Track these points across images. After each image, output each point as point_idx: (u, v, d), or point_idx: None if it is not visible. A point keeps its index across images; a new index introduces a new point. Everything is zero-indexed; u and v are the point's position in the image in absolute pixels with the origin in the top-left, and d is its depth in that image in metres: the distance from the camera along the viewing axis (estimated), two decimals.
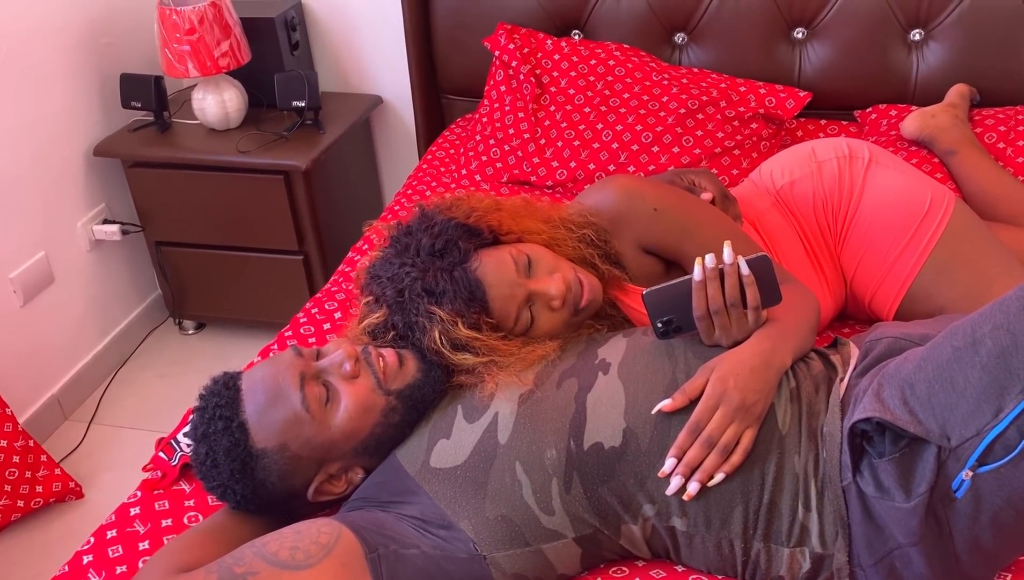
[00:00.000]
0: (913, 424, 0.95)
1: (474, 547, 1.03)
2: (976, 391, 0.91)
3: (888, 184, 1.45)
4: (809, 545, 1.04)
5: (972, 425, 0.92)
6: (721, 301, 1.09)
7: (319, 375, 1.10)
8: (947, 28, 1.96)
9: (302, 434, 1.06)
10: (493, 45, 2.14)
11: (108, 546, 1.18)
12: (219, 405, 1.07)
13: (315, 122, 2.31)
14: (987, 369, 0.91)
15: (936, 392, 0.94)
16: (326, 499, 1.13)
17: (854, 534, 1.02)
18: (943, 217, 1.41)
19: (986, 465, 0.92)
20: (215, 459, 1.06)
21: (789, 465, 1.05)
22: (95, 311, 2.44)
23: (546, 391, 1.11)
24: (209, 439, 1.07)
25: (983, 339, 0.92)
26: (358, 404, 1.08)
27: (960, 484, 0.94)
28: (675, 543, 1.08)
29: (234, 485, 1.07)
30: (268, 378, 1.08)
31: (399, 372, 1.12)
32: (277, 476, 1.07)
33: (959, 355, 0.93)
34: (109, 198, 2.44)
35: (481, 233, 1.20)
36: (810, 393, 1.10)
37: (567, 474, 1.05)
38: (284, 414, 1.06)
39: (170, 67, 2.19)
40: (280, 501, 1.10)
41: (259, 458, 1.06)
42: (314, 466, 1.09)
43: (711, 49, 2.12)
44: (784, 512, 1.04)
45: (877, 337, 1.16)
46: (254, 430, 1.06)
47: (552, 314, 1.20)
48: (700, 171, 1.48)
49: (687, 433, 1.04)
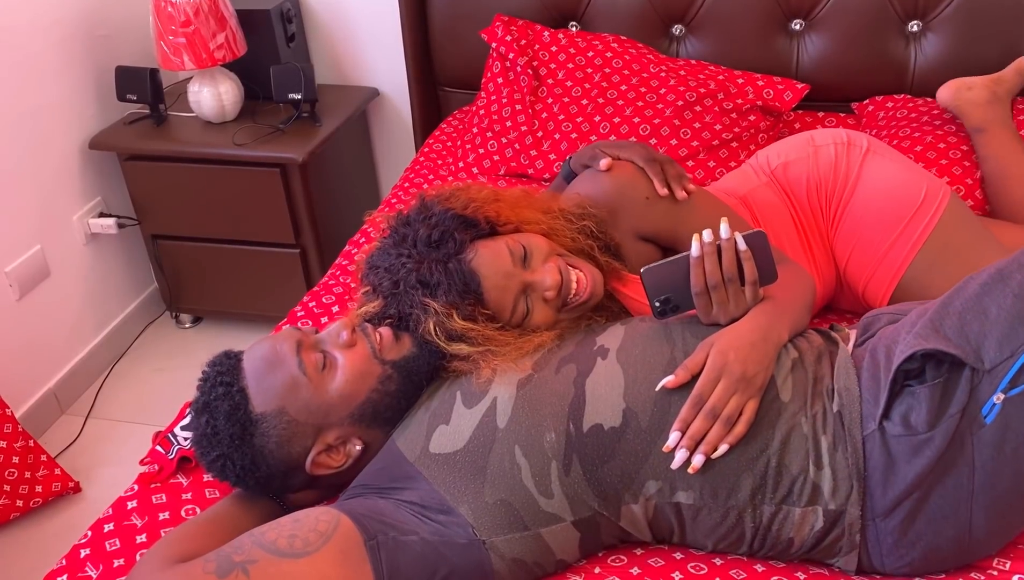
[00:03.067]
0: (950, 345, 0.99)
1: (473, 532, 1.03)
2: (1009, 315, 0.96)
3: (884, 174, 1.45)
4: (822, 503, 1.05)
5: (1008, 346, 0.96)
6: (719, 276, 1.10)
7: (316, 344, 1.14)
8: (945, 19, 1.96)
9: (300, 398, 1.10)
10: (490, 37, 2.14)
11: (105, 539, 1.18)
12: (220, 373, 1.11)
13: (311, 115, 2.30)
14: (1020, 296, 0.96)
15: (968, 321, 0.99)
16: (324, 472, 1.13)
17: (872, 485, 1.03)
18: (937, 209, 1.41)
19: (1017, 387, 0.96)
20: (215, 426, 1.09)
21: (797, 429, 1.06)
22: (92, 305, 2.43)
23: (545, 376, 1.11)
24: (210, 407, 1.09)
25: (1012, 273, 0.98)
26: (355, 368, 1.12)
27: (991, 409, 0.97)
28: (680, 520, 1.08)
29: (233, 453, 1.09)
30: (267, 348, 1.13)
31: (395, 345, 1.15)
32: (275, 442, 1.09)
33: (987, 289, 0.99)
34: (105, 191, 2.43)
35: (478, 224, 1.21)
36: (813, 363, 1.12)
37: (566, 457, 1.06)
38: (282, 378, 1.10)
39: (166, 60, 2.18)
40: (279, 474, 1.12)
41: (258, 423, 1.09)
42: (312, 432, 1.11)
43: (708, 41, 2.12)
44: (795, 473, 1.05)
45: (875, 314, 1.19)
46: (253, 395, 1.09)
47: (546, 305, 1.20)
48: (628, 144, 1.38)
49: (690, 406, 1.05)
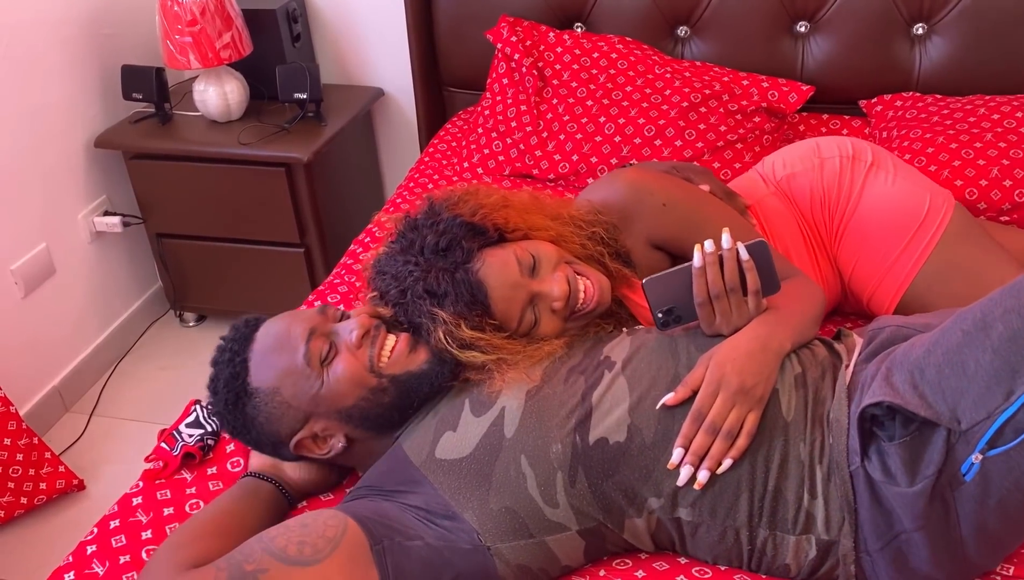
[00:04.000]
0: (924, 407, 0.95)
1: (478, 538, 1.03)
2: (987, 374, 0.92)
3: (887, 190, 1.44)
4: (815, 532, 1.04)
5: (983, 408, 0.92)
6: (721, 285, 1.10)
7: (329, 334, 1.15)
8: (950, 22, 1.96)
9: (296, 384, 1.11)
10: (495, 38, 2.14)
11: (111, 536, 1.18)
12: (234, 338, 1.16)
13: (316, 114, 2.31)
14: (998, 352, 0.91)
15: (946, 376, 0.95)
16: (307, 455, 1.17)
17: (861, 519, 1.02)
18: (941, 223, 1.40)
19: (996, 448, 0.92)
20: (216, 387, 1.15)
21: (794, 452, 1.05)
22: (96, 303, 2.44)
23: (553, 387, 1.11)
24: (218, 366, 1.15)
25: (994, 323, 0.92)
26: (348, 374, 1.12)
27: (969, 467, 0.94)
28: (680, 534, 1.09)
29: (227, 414, 1.15)
30: (282, 326, 1.15)
31: (406, 358, 1.14)
32: (264, 417, 1.13)
33: (969, 339, 0.94)
34: (110, 190, 2.43)
35: (486, 231, 1.19)
36: (816, 379, 1.11)
37: (572, 468, 1.06)
38: (285, 361, 1.12)
39: (171, 59, 2.18)
40: (267, 444, 1.16)
41: (251, 395, 1.12)
42: (300, 417, 1.13)
43: (713, 42, 2.12)
44: (789, 500, 1.04)
45: (882, 325, 1.16)
46: (253, 368, 1.13)
47: (553, 315, 1.20)
48: (700, 169, 1.48)
49: (691, 422, 1.05)
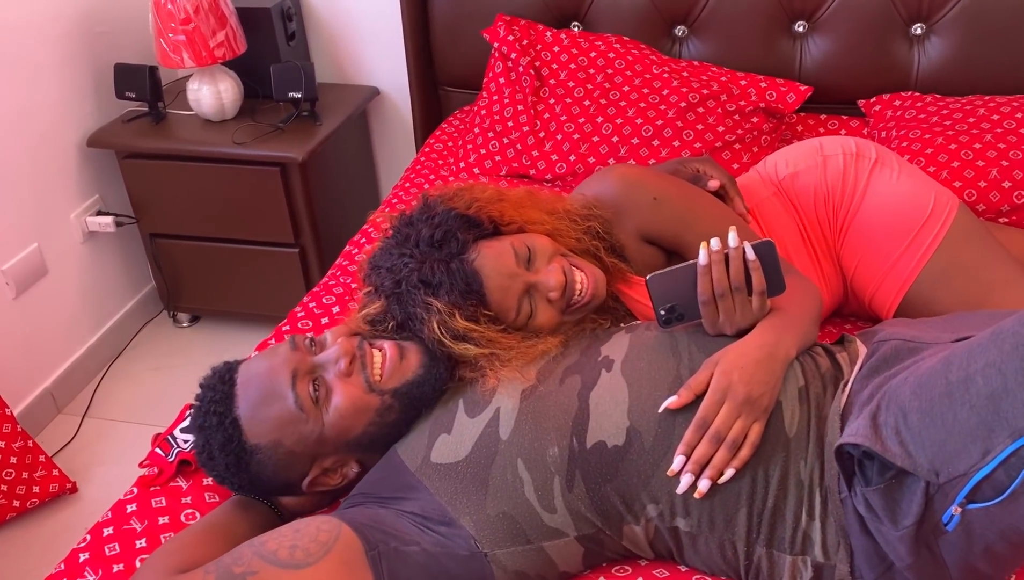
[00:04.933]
0: (903, 458, 0.92)
1: (475, 544, 1.02)
2: (964, 431, 0.88)
3: (891, 187, 1.43)
4: (811, 554, 1.02)
5: (960, 464, 0.88)
6: (726, 284, 1.08)
7: (313, 370, 1.10)
8: (949, 22, 1.95)
9: (295, 431, 1.07)
10: (492, 36, 2.12)
11: (104, 544, 1.16)
12: (213, 400, 1.09)
13: (311, 113, 2.29)
14: (976, 409, 0.87)
15: (927, 425, 0.91)
16: (321, 490, 1.14)
17: (854, 547, 1.00)
18: (945, 222, 1.39)
19: (975, 503, 0.89)
20: (211, 452, 1.09)
21: (794, 470, 1.03)
22: (89, 303, 2.42)
23: (549, 387, 1.09)
24: (205, 432, 1.09)
25: (975, 376, 0.88)
26: (350, 404, 1.08)
27: (950, 519, 0.91)
28: (678, 544, 1.07)
29: (230, 477, 1.10)
30: (262, 374, 1.09)
31: (399, 367, 1.11)
32: (272, 470, 1.09)
33: (951, 390, 0.90)
34: (103, 189, 2.41)
35: (481, 224, 1.19)
36: (819, 394, 1.08)
37: (569, 472, 1.04)
38: (277, 411, 1.07)
39: (165, 57, 2.16)
40: (278, 490, 1.13)
41: (253, 453, 1.08)
42: (308, 460, 1.10)
43: (711, 42, 2.11)
44: (788, 519, 1.02)
45: (885, 337, 1.12)
46: (247, 427, 1.07)
47: (550, 306, 1.19)
48: (703, 159, 1.47)
49: (694, 429, 1.03)
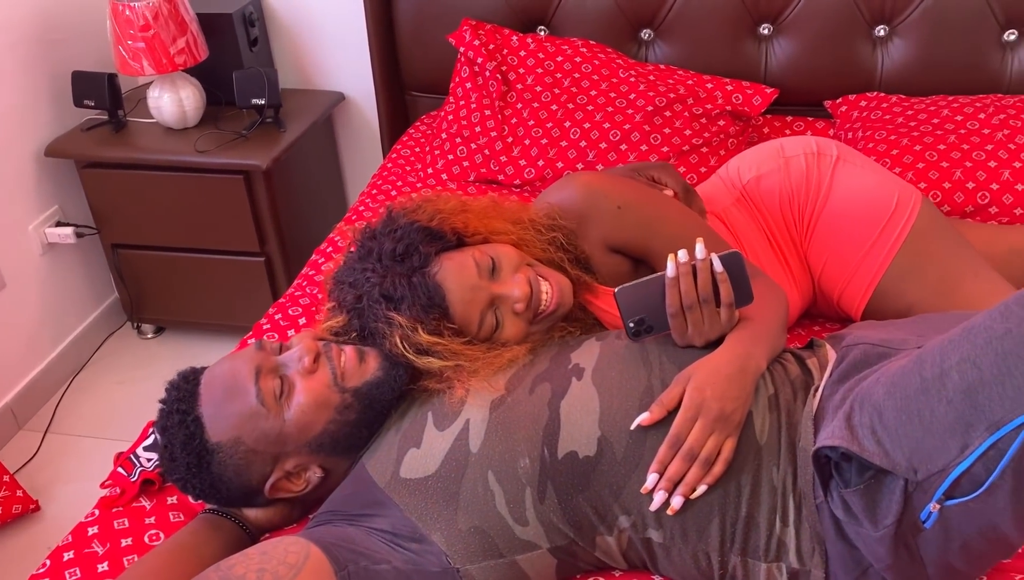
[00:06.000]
0: (880, 457, 0.92)
1: (447, 560, 1.01)
2: (942, 426, 0.88)
3: (855, 182, 1.44)
4: (786, 560, 1.02)
5: (938, 460, 0.89)
6: (695, 296, 1.08)
7: (276, 369, 1.11)
8: (911, 24, 1.97)
9: (256, 427, 1.07)
10: (458, 41, 2.11)
11: (65, 569, 1.13)
12: (177, 399, 1.09)
13: (275, 120, 2.26)
14: (953, 404, 0.87)
15: (903, 423, 0.91)
16: (284, 496, 1.12)
17: (829, 552, 1.00)
18: (910, 216, 1.41)
19: (953, 499, 0.89)
20: (173, 453, 1.08)
21: (767, 478, 1.03)
22: (49, 316, 2.36)
23: (518, 396, 1.08)
24: (167, 432, 1.09)
25: (950, 371, 0.88)
26: (312, 399, 1.08)
27: (928, 516, 0.91)
28: (652, 554, 1.07)
29: (191, 479, 1.09)
30: (226, 373, 1.10)
31: (358, 369, 1.11)
32: (233, 471, 1.08)
33: (927, 386, 0.90)
34: (62, 200, 2.36)
35: (444, 236, 1.18)
36: (789, 400, 1.08)
37: (541, 483, 1.03)
38: (239, 408, 1.07)
39: (124, 65, 2.12)
40: (239, 496, 1.11)
41: (214, 452, 1.07)
42: (269, 461, 1.09)
43: (677, 46, 2.11)
44: (761, 526, 1.02)
45: (853, 342, 1.12)
46: (209, 424, 1.07)
47: (516, 318, 1.18)
48: (660, 165, 1.47)
49: (667, 446, 1.02)
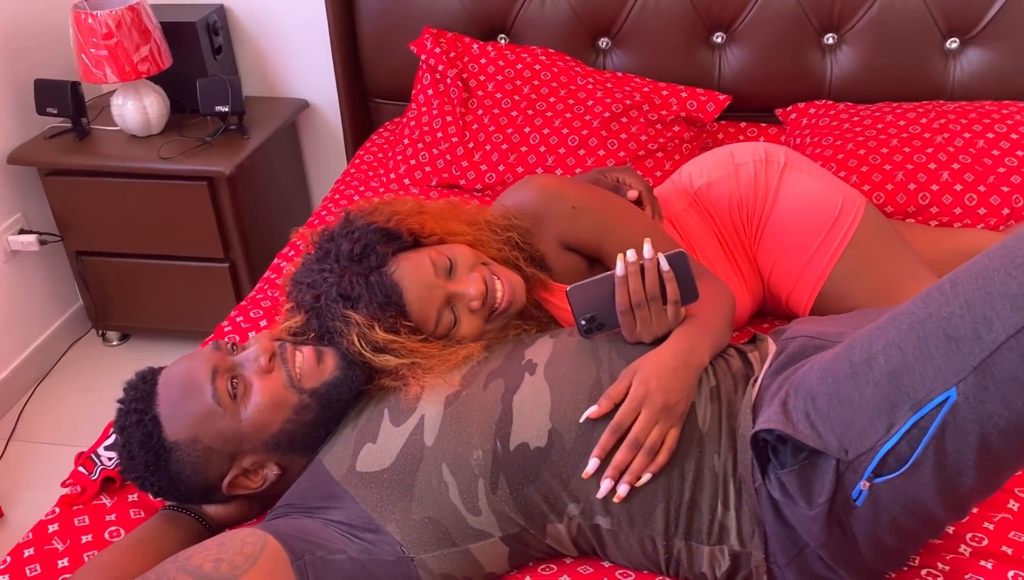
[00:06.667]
0: (813, 438, 0.97)
1: (401, 549, 1.03)
2: (869, 407, 0.94)
3: (801, 189, 1.49)
4: (728, 543, 1.06)
5: (866, 440, 0.94)
6: (642, 294, 1.12)
7: (233, 369, 1.12)
8: (858, 32, 2.03)
9: (213, 427, 1.09)
10: (419, 49, 2.14)
11: (26, 565, 1.14)
12: (135, 398, 1.10)
13: (239, 127, 2.28)
14: (879, 386, 0.93)
15: (834, 406, 0.97)
16: (242, 493, 1.14)
17: (768, 533, 1.04)
18: (853, 221, 1.46)
19: (881, 476, 0.94)
20: (131, 451, 1.09)
21: (709, 464, 1.07)
22: (12, 324, 2.36)
23: (472, 392, 1.11)
24: (126, 431, 1.10)
25: (876, 356, 0.94)
26: (268, 399, 1.10)
27: (859, 493, 0.96)
28: (600, 541, 1.10)
29: (150, 477, 1.10)
30: (183, 373, 1.11)
31: (316, 369, 1.13)
32: (191, 469, 1.09)
33: (855, 370, 0.96)
34: (25, 207, 2.36)
35: (401, 236, 1.21)
36: (730, 391, 1.12)
37: (493, 474, 1.06)
38: (195, 407, 1.08)
39: (87, 73, 2.13)
40: (197, 493, 1.13)
41: (172, 451, 1.08)
42: (227, 459, 1.11)
43: (634, 54, 2.16)
44: (704, 511, 1.06)
45: (792, 335, 1.17)
46: (166, 423, 1.08)
47: (473, 315, 1.21)
48: (624, 169, 1.51)
49: (610, 434, 1.06)
